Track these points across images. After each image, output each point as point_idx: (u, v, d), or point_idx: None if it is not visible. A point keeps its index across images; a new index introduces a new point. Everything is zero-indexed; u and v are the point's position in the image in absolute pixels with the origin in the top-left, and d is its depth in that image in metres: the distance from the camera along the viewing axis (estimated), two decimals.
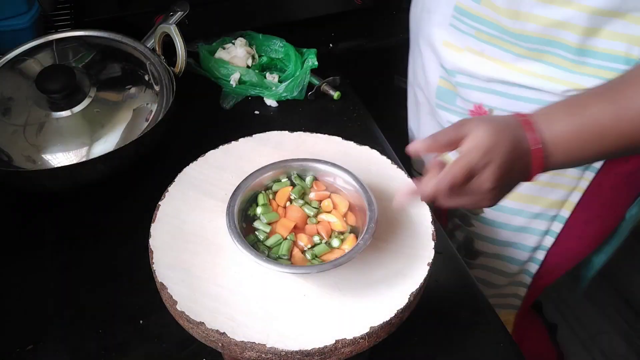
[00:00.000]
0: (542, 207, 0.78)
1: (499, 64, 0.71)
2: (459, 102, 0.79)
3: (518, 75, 0.70)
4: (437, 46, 0.76)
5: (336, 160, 0.57)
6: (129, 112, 0.73)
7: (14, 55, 0.77)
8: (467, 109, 0.78)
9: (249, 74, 0.90)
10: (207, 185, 0.59)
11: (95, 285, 0.63)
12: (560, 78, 0.67)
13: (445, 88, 0.79)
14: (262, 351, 0.46)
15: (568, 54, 0.65)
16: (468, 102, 0.77)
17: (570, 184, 0.75)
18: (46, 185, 0.69)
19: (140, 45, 0.80)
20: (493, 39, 0.69)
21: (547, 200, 0.78)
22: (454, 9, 0.71)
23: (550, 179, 0.75)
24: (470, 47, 0.72)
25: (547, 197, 0.77)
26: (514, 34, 0.66)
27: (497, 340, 0.59)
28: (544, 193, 0.77)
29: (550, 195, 0.77)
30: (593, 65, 0.65)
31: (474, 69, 0.73)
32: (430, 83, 0.82)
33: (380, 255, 0.53)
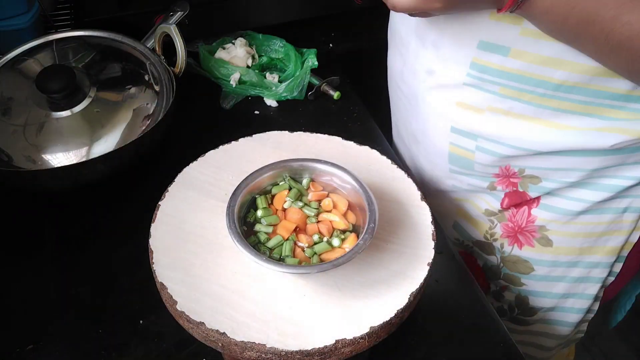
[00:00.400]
0: (601, 255, 0.73)
1: (532, 122, 0.62)
2: (477, 167, 0.70)
3: (556, 132, 0.61)
4: (447, 108, 0.67)
5: (336, 160, 0.57)
6: (129, 112, 0.73)
7: (14, 55, 0.77)
8: (491, 173, 0.70)
9: (249, 74, 0.90)
10: (207, 185, 0.59)
11: (95, 285, 0.63)
12: (610, 127, 0.60)
13: (459, 155, 0.70)
14: (262, 351, 0.46)
15: (617, 101, 0.58)
16: (492, 167, 0.69)
17: (630, 228, 0.70)
18: (46, 185, 0.69)
19: (140, 45, 0.80)
20: (524, 95, 0.60)
21: (606, 249, 0.72)
22: (470, 67, 0.61)
23: (607, 227, 0.70)
24: (493, 106, 0.63)
25: (605, 245, 0.71)
26: (553, 84, 0.58)
27: (497, 340, 0.59)
28: (602, 242, 0.71)
29: (609, 243, 0.71)
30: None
31: (500, 132, 0.64)
32: (437, 148, 0.72)
33: (380, 255, 0.53)
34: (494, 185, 0.72)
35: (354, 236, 0.53)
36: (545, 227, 0.71)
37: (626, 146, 0.62)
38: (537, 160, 0.66)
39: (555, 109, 0.60)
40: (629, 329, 1.48)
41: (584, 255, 0.72)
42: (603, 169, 0.65)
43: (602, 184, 0.66)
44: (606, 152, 0.63)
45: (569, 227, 0.70)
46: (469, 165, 0.70)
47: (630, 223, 0.69)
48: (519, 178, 0.69)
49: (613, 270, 0.75)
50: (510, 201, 0.72)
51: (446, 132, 0.69)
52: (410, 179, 0.61)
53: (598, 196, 0.67)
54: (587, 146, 0.62)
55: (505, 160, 0.67)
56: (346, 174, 0.55)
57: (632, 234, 0.71)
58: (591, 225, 0.70)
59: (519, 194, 0.70)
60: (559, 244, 0.71)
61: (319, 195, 0.56)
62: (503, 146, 0.65)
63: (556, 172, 0.66)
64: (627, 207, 0.68)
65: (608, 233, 0.70)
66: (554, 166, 0.65)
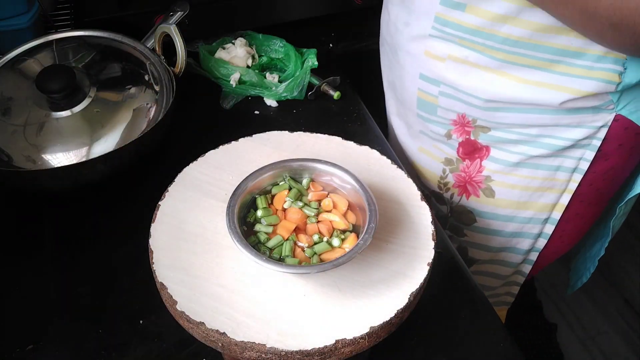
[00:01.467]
0: (534, 211, 0.79)
1: (484, 70, 0.70)
2: (440, 112, 0.78)
3: (505, 82, 0.69)
4: (417, 57, 0.75)
5: (336, 160, 0.57)
6: (129, 112, 0.73)
7: (14, 55, 0.77)
8: (450, 118, 0.77)
9: (249, 74, 0.90)
10: (207, 185, 0.59)
11: (95, 285, 0.63)
12: (553, 83, 0.67)
13: (425, 100, 0.78)
14: (262, 351, 0.46)
15: (559, 56, 0.65)
16: (451, 111, 0.76)
17: (561, 187, 0.76)
18: (46, 185, 0.69)
19: (140, 45, 0.80)
20: (477, 46, 0.68)
21: (538, 205, 0.79)
22: (434, 20, 0.70)
23: (541, 183, 0.76)
24: (453, 55, 0.71)
25: (538, 201, 0.78)
26: (500, 38, 0.66)
27: (497, 340, 0.59)
28: (535, 198, 0.78)
29: (542, 200, 0.78)
30: (588, 67, 0.65)
31: (457, 78, 0.72)
32: (409, 93, 0.81)
33: (380, 255, 0.53)
34: (450, 133, 0.79)
35: (354, 236, 0.53)
36: (490, 177, 0.79)
37: (573, 106, 0.68)
38: (488, 113, 0.73)
39: (504, 61, 0.68)
40: (629, 329, 1.49)
41: (519, 210, 0.79)
42: (544, 126, 0.71)
43: (541, 142, 0.73)
44: (551, 111, 0.69)
45: (509, 178, 0.78)
46: (433, 109, 0.78)
47: (561, 182, 0.76)
48: (472, 127, 0.76)
49: (544, 230, 0.81)
50: (464, 150, 0.80)
51: (416, 78, 0.77)
52: (410, 179, 0.61)
53: (535, 152, 0.74)
54: (536, 101, 0.69)
55: (462, 107, 0.75)
56: (346, 174, 0.55)
57: (563, 195, 0.77)
58: (528, 179, 0.77)
59: (471, 142, 0.78)
60: (500, 195, 0.79)
61: (319, 195, 0.56)
62: (460, 92, 0.73)
63: (503, 125, 0.74)
64: (559, 165, 0.75)
65: (541, 189, 0.77)
66: (501, 119, 0.73)
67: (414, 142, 0.87)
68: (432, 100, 0.77)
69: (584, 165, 0.73)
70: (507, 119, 0.72)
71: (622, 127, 0.70)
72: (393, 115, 0.90)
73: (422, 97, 0.78)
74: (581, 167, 0.74)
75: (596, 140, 0.71)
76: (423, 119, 0.81)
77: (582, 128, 0.71)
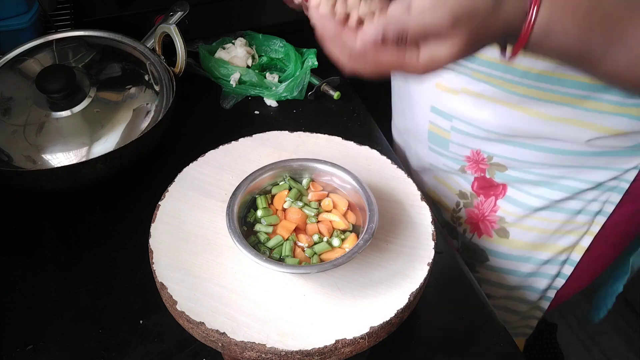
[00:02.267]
0: (552, 253, 0.75)
1: (502, 104, 0.64)
2: (452, 147, 0.74)
3: (525, 117, 0.63)
4: (428, 88, 0.71)
5: (336, 160, 0.57)
6: (129, 112, 0.73)
7: (14, 55, 0.77)
8: (463, 155, 0.73)
9: (249, 74, 0.90)
10: (207, 185, 0.59)
11: (95, 285, 0.63)
12: (580, 119, 0.61)
13: (437, 134, 0.74)
14: (262, 351, 0.46)
15: (584, 91, 0.59)
16: (464, 147, 0.72)
17: (582, 230, 0.72)
18: (46, 185, 0.69)
19: (140, 45, 0.80)
20: (494, 80, 0.63)
21: (557, 247, 0.74)
22: None
23: (561, 226, 0.72)
24: (467, 88, 0.66)
25: (556, 243, 0.74)
26: (520, 71, 0.60)
27: (497, 340, 0.59)
28: (554, 240, 0.73)
29: (560, 242, 0.74)
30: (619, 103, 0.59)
31: (472, 112, 0.67)
32: (419, 126, 0.77)
33: (380, 255, 0.53)
34: (464, 168, 0.75)
35: (354, 236, 0.53)
36: (504, 218, 0.75)
37: (601, 145, 0.63)
38: (505, 148, 0.68)
39: (524, 95, 0.62)
40: (629, 329, 1.49)
41: (536, 251, 0.75)
42: (567, 167, 0.67)
43: (561, 184, 0.69)
44: (575, 152, 0.64)
45: (526, 221, 0.73)
46: (444, 144, 0.74)
47: (582, 225, 0.71)
48: (487, 165, 0.72)
49: (562, 271, 0.76)
50: (479, 185, 0.76)
51: (427, 111, 0.73)
52: (410, 179, 0.61)
53: (556, 195, 0.69)
54: (560, 137, 0.63)
55: (477, 143, 0.70)
56: (346, 174, 0.55)
57: (584, 237, 0.73)
58: (546, 222, 0.72)
59: (486, 180, 0.74)
60: (515, 236, 0.75)
61: (319, 195, 0.56)
62: (474, 127, 0.68)
63: (522, 164, 0.69)
64: (582, 209, 0.70)
65: (560, 231, 0.73)
66: (520, 157, 0.68)
67: (426, 173, 0.83)
68: (444, 135, 0.73)
69: (609, 208, 0.69)
70: (526, 156, 0.67)
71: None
72: (401, 142, 0.87)
73: (434, 130, 0.74)
74: (606, 210, 0.69)
75: (624, 182, 0.66)
76: (435, 152, 0.77)
77: (609, 170, 0.66)
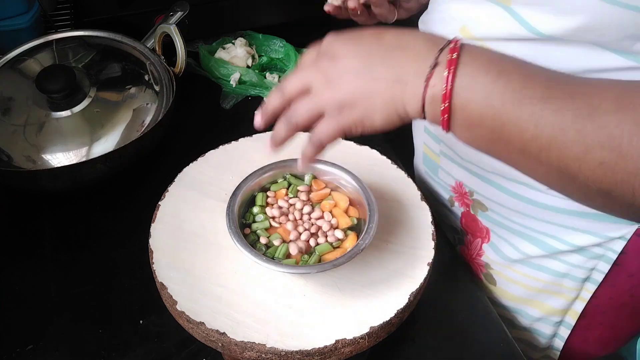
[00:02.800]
0: (543, 312, 0.71)
1: None
2: (440, 174, 0.72)
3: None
4: None
5: (336, 160, 0.57)
6: (129, 112, 0.73)
7: (14, 55, 0.77)
8: (449, 184, 0.71)
9: (249, 74, 0.90)
10: (207, 185, 0.59)
11: (95, 285, 0.63)
12: None
13: (429, 157, 0.73)
14: (262, 351, 0.46)
15: None
16: (450, 176, 0.70)
17: (571, 295, 0.67)
18: (46, 185, 0.69)
19: (140, 45, 0.80)
20: None
21: (546, 306, 0.70)
22: None
23: (545, 286, 0.68)
24: None
25: (545, 302, 0.70)
26: None
27: (497, 340, 0.59)
28: (542, 298, 0.69)
29: (549, 302, 0.69)
30: None
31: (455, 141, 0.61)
32: (417, 147, 0.75)
33: (380, 255, 0.53)
34: (452, 200, 0.73)
35: (354, 236, 0.53)
36: (489, 265, 0.72)
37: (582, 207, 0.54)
38: (484, 186, 0.65)
39: None
40: None
41: (526, 306, 0.71)
42: (546, 222, 0.63)
43: (539, 240, 0.65)
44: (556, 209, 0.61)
45: (508, 272, 0.70)
46: (435, 169, 0.73)
47: (570, 290, 0.67)
48: (470, 200, 0.70)
49: (559, 333, 0.72)
50: (466, 221, 0.73)
51: (422, 131, 0.73)
52: (410, 179, 0.61)
53: (534, 251, 0.65)
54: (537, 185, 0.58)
55: (460, 174, 0.68)
56: (346, 174, 0.55)
57: (575, 302, 0.68)
58: (529, 279, 0.68)
59: (471, 217, 0.71)
60: (502, 285, 0.72)
61: (320, 195, 0.56)
62: (457, 155, 0.67)
63: (501, 207, 0.65)
64: (567, 273, 0.65)
65: (546, 291, 0.68)
66: (498, 200, 0.65)
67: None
68: (435, 159, 0.71)
69: (598, 276, 0.64)
70: (503, 200, 0.64)
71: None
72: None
73: (427, 153, 0.73)
74: (595, 278, 0.64)
75: (611, 252, 0.61)
76: (429, 177, 0.76)
77: (592, 235, 0.61)
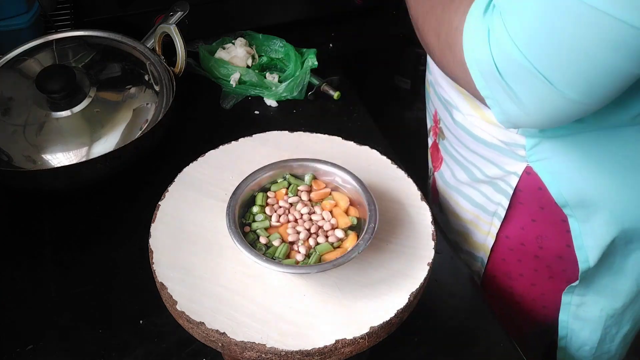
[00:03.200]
0: (469, 247, 0.75)
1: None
2: (429, 103, 0.78)
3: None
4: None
5: (336, 160, 0.57)
6: (129, 112, 0.73)
7: (14, 55, 0.77)
8: (431, 113, 0.77)
9: (249, 74, 0.90)
10: (207, 185, 0.59)
11: (95, 285, 0.63)
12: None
13: (426, 88, 0.79)
14: (262, 351, 0.46)
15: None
16: (432, 105, 0.75)
17: (484, 228, 0.72)
18: (46, 185, 0.69)
19: (140, 45, 0.80)
20: None
21: (470, 240, 0.75)
22: None
23: (470, 218, 0.73)
24: None
25: (471, 235, 0.74)
26: None
27: (497, 340, 0.59)
28: (469, 231, 0.74)
29: (473, 236, 0.74)
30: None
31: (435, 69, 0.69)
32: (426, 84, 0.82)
33: (380, 255, 0.53)
34: (429, 130, 0.80)
35: (354, 236, 0.52)
36: (438, 190, 0.79)
37: (491, 137, 0.63)
38: (445, 114, 0.70)
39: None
40: None
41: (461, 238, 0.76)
42: (469, 150, 0.68)
43: (467, 168, 0.70)
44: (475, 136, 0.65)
45: (449, 201, 0.76)
46: (427, 97, 0.78)
47: (484, 223, 0.71)
48: (438, 129, 0.75)
49: (476, 270, 0.76)
50: (432, 151, 0.80)
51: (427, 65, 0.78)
52: (410, 179, 0.61)
53: (462, 176, 0.71)
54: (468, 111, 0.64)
55: (437, 102, 0.72)
56: (346, 174, 0.55)
57: (487, 238, 0.71)
58: (459, 208, 0.74)
59: (436, 146, 0.77)
60: (446, 214, 0.78)
61: (320, 195, 0.56)
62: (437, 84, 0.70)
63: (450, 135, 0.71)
64: (482, 205, 0.70)
65: (471, 223, 0.73)
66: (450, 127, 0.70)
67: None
68: (428, 88, 0.77)
69: (502, 212, 0.67)
70: (453, 128, 0.69)
71: (535, 186, 0.62)
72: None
73: (426, 85, 0.79)
74: (499, 214, 0.67)
75: (509, 187, 0.64)
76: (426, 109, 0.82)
77: (496, 167, 0.65)
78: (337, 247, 0.52)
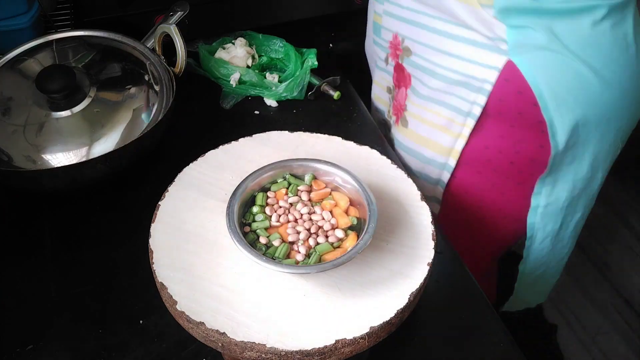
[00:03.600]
0: (434, 152, 0.78)
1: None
2: (382, 32, 0.81)
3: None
4: None
5: (336, 160, 0.57)
6: (129, 112, 0.73)
7: (14, 55, 0.77)
8: (388, 40, 0.80)
9: (249, 74, 0.90)
10: (207, 185, 0.59)
11: (95, 285, 0.63)
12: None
13: (375, 21, 0.83)
14: (262, 351, 0.46)
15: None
16: (389, 31, 0.79)
17: (456, 130, 0.75)
18: (46, 185, 0.69)
19: (140, 45, 0.80)
20: None
21: (438, 145, 0.78)
22: None
23: (443, 122, 0.75)
24: None
25: (438, 141, 0.77)
26: None
27: (497, 340, 0.59)
28: (436, 137, 0.77)
29: (441, 140, 0.77)
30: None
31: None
32: (369, 20, 0.87)
33: (380, 255, 0.53)
34: (388, 57, 0.83)
35: (354, 236, 0.53)
36: (407, 105, 0.81)
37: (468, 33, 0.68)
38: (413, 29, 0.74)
39: None
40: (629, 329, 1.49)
41: (422, 147, 0.79)
42: (445, 53, 0.72)
43: (441, 74, 0.73)
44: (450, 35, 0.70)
45: (419, 111, 0.78)
46: (378, 31, 0.83)
47: (457, 125, 0.74)
48: (400, 50, 0.79)
49: (442, 178, 0.80)
50: (396, 76, 0.83)
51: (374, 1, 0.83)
52: (410, 179, 0.61)
53: (436, 84, 0.74)
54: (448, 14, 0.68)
55: (397, 25, 0.77)
56: (346, 174, 0.55)
57: (458, 140, 0.75)
58: (432, 114, 0.76)
59: (400, 67, 0.80)
60: (412, 126, 0.81)
61: (320, 195, 0.56)
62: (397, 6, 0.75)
63: (421, 46, 0.74)
64: (457, 107, 0.73)
65: (441, 128, 0.76)
66: (422, 39, 0.74)
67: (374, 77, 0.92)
68: (378, 20, 0.81)
69: (477, 110, 0.70)
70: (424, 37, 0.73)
71: (514, 90, 0.67)
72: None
73: (374, 18, 0.83)
74: (474, 113, 0.71)
75: (487, 84, 0.68)
76: (375, 43, 0.85)
77: (474, 64, 0.69)
78: (337, 247, 0.52)
